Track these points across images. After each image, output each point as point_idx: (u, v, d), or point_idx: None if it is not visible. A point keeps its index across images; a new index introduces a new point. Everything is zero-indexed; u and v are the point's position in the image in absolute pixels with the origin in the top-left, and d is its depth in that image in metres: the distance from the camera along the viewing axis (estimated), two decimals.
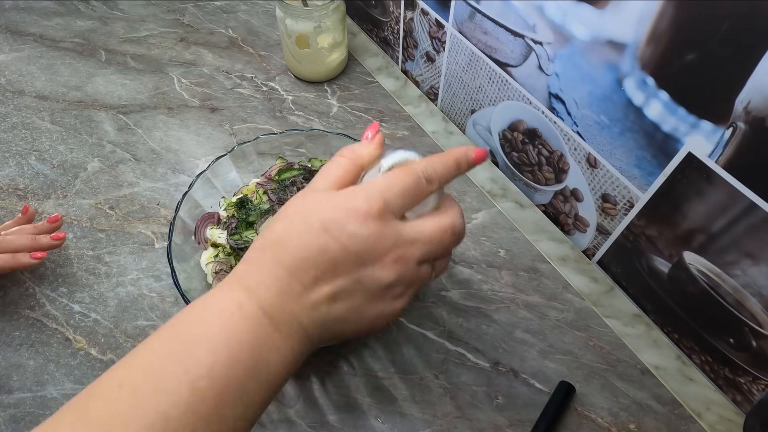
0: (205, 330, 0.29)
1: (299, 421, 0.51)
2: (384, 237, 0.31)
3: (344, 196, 0.32)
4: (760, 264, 0.43)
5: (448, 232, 0.34)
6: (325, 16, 0.69)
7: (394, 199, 0.32)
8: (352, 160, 0.34)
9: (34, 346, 0.54)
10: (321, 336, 0.33)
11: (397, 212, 0.32)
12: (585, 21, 0.47)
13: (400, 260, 0.32)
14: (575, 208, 0.61)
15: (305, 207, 0.32)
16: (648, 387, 0.53)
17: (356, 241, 0.30)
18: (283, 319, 0.31)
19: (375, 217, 0.31)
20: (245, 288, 0.31)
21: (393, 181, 0.32)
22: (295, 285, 0.31)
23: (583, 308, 0.58)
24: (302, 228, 0.31)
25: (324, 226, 0.30)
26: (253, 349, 0.29)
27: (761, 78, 0.36)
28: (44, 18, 0.86)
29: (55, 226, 0.57)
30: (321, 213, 0.31)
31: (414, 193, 0.33)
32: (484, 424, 0.51)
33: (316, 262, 0.30)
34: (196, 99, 0.76)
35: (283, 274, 0.31)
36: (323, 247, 0.30)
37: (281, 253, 0.31)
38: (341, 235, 0.30)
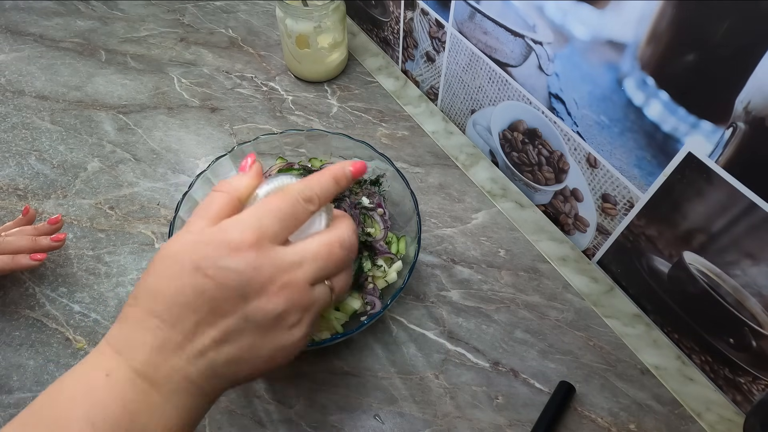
0: (67, 409, 0.27)
1: (299, 421, 0.51)
2: (263, 266, 0.29)
3: (217, 231, 0.29)
4: (760, 264, 0.43)
5: (335, 246, 0.32)
6: (325, 16, 0.69)
7: (270, 225, 0.30)
8: (230, 193, 0.32)
9: (34, 346, 0.54)
10: (215, 384, 0.30)
11: (276, 238, 0.30)
12: (585, 21, 0.47)
13: (287, 286, 0.30)
14: (575, 208, 0.61)
15: (177, 251, 0.29)
16: (648, 387, 0.53)
17: (232, 275, 0.28)
18: (163, 376, 0.28)
19: (249, 247, 0.29)
20: (116, 351, 0.28)
21: (267, 207, 0.30)
22: (173, 335, 0.28)
23: (583, 308, 0.58)
24: (174, 273, 0.29)
25: (196, 266, 0.28)
26: (121, 418, 0.27)
27: (761, 78, 0.36)
28: (44, 18, 0.86)
29: (55, 228, 0.57)
30: (192, 253, 0.29)
31: (291, 216, 0.31)
32: (484, 424, 0.51)
33: (194, 306, 0.28)
34: (196, 99, 0.76)
35: (159, 325, 0.28)
36: (199, 288, 0.28)
37: (153, 304, 0.28)
38: (215, 272, 0.28)
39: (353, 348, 0.55)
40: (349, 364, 0.54)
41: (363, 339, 0.55)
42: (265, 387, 0.53)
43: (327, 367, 0.54)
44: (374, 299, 0.55)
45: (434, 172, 0.68)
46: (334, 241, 0.32)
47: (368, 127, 0.73)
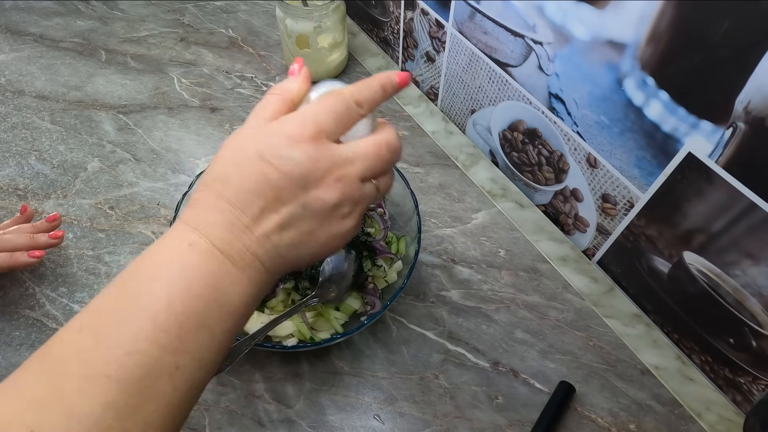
0: (158, 268, 0.29)
1: (299, 421, 0.51)
2: (321, 158, 0.31)
3: (277, 125, 0.32)
4: (760, 264, 0.43)
5: (383, 147, 0.34)
6: (325, 16, 0.69)
7: (326, 122, 0.32)
8: (282, 95, 0.34)
9: (34, 346, 0.54)
10: (277, 265, 0.33)
11: (331, 135, 0.32)
12: (585, 21, 0.47)
13: (342, 179, 0.32)
14: (575, 208, 0.61)
15: (240, 141, 0.32)
16: (648, 387, 0.53)
17: (294, 165, 0.30)
18: (236, 252, 0.31)
19: (309, 140, 0.31)
20: (192, 228, 0.31)
21: (324, 105, 0.32)
22: (242, 218, 0.31)
23: (583, 308, 0.58)
24: (240, 160, 0.31)
25: (260, 155, 0.30)
26: (208, 281, 0.29)
27: (761, 78, 0.36)
28: (44, 18, 0.86)
29: (53, 225, 0.57)
30: (256, 143, 0.31)
31: (345, 116, 0.33)
32: (484, 424, 0.51)
33: (258, 192, 0.30)
34: (196, 99, 0.76)
35: (228, 208, 0.30)
36: (263, 175, 0.30)
37: (223, 189, 0.31)
38: (278, 161, 0.30)
39: (353, 348, 0.55)
40: (349, 364, 0.54)
41: (363, 339, 0.55)
42: (265, 387, 0.53)
43: (327, 367, 0.54)
44: (374, 299, 0.55)
45: (434, 172, 0.68)
46: (382, 143, 0.34)
47: None
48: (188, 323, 0.28)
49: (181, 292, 0.29)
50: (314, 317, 0.54)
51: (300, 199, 0.31)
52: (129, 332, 0.27)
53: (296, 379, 0.53)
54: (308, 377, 0.53)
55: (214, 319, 0.30)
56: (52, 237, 0.55)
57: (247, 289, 0.31)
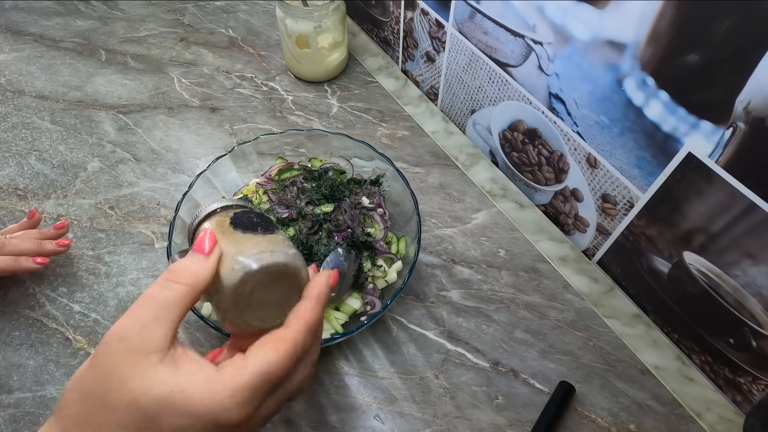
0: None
1: (299, 421, 0.51)
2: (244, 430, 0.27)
3: (203, 401, 0.25)
4: (760, 264, 0.43)
5: (293, 395, 0.29)
6: (325, 16, 0.69)
7: (266, 395, 0.27)
8: (193, 287, 0.28)
9: (34, 345, 0.54)
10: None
11: (266, 399, 0.28)
12: (585, 21, 0.47)
13: (257, 426, 0.28)
14: (575, 208, 0.61)
15: (145, 401, 0.25)
16: (648, 387, 0.53)
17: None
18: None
19: (241, 425, 0.26)
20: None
21: (268, 374, 0.27)
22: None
23: (583, 308, 0.58)
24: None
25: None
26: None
27: (761, 78, 0.36)
28: (44, 18, 0.86)
29: (60, 233, 0.57)
30: (173, 419, 0.25)
31: (286, 377, 0.28)
32: (484, 424, 0.51)
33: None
34: (196, 99, 0.76)
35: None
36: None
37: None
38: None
39: (353, 348, 0.55)
40: (349, 364, 0.54)
41: (363, 339, 0.55)
42: None
43: (327, 367, 0.54)
44: (374, 299, 0.55)
45: (434, 172, 0.68)
46: (292, 393, 0.30)
47: (368, 127, 0.73)
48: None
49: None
50: None
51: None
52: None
53: None
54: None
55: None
56: (59, 245, 0.56)
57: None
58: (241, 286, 0.29)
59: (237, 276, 0.28)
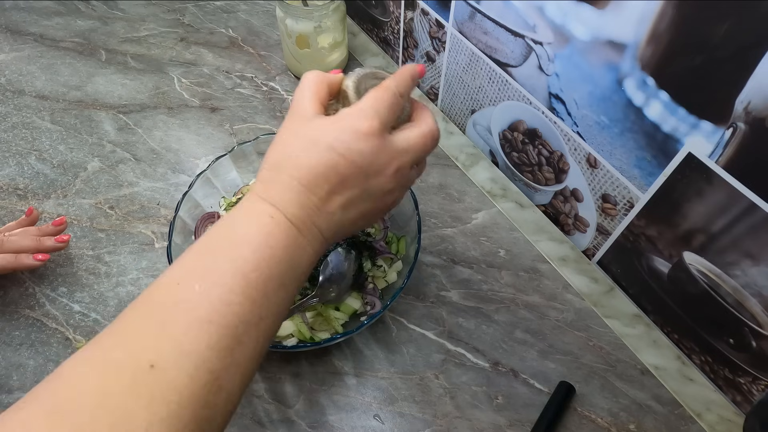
0: (246, 235, 0.34)
1: (299, 421, 0.51)
2: (383, 151, 0.36)
3: (343, 117, 0.36)
4: (760, 264, 0.43)
5: (429, 139, 0.39)
6: (325, 16, 0.69)
7: (386, 116, 0.36)
8: (322, 73, 0.39)
9: (34, 345, 0.54)
10: (335, 235, 0.38)
11: (389, 126, 0.37)
12: (585, 21, 0.47)
13: (399, 170, 0.37)
14: (575, 208, 0.61)
15: (307, 130, 0.36)
16: (648, 387, 0.53)
17: (361, 157, 0.35)
18: (306, 227, 0.35)
19: (376, 135, 0.35)
20: (270, 204, 0.35)
21: (380, 99, 0.36)
22: (312, 198, 0.35)
23: (583, 308, 0.58)
24: (312, 149, 0.35)
25: (330, 146, 0.34)
26: (287, 250, 0.34)
27: (761, 78, 0.36)
28: (44, 18, 0.86)
29: (59, 229, 0.57)
30: (326, 135, 0.35)
31: (396, 107, 0.37)
32: (484, 424, 0.51)
33: (328, 177, 0.35)
34: (196, 99, 0.76)
35: (300, 189, 0.35)
36: (333, 164, 0.34)
37: (296, 172, 0.35)
38: (348, 153, 0.35)
39: (353, 348, 0.55)
40: (349, 364, 0.54)
41: (363, 339, 0.55)
42: (265, 387, 0.53)
43: (327, 367, 0.54)
44: (374, 299, 0.55)
45: (434, 172, 0.68)
46: (428, 135, 0.39)
47: None
48: (272, 283, 0.33)
49: (267, 257, 0.33)
50: (314, 317, 0.54)
51: (362, 185, 0.36)
52: (226, 286, 0.31)
53: (296, 379, 0.53)
54: (308, 377, 0.53)
55: (290, 280, 0.34)
56: (58, 240, 0.56)
57: (311, 257, 0.36)
58: (358, 84, 0.39)
59: (353, 78, 0.40)
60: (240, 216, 0.35)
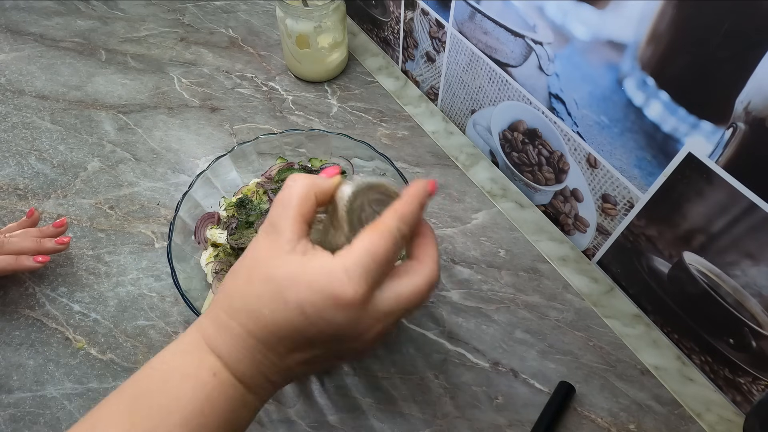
0: (177, 397, 0.29)
1: (299, 421, 0.51)
2: (364, 320, 0.30)
3: (322, 274, 0.29)
4: (760, 264, 0.43)
5: (425, 292, 0.32)
6: (326, 16, 0.69)
7: (375, 276, 0.30)
8: (309, 187, 0.32)
9: (34, 345, 0.54)
10: (286, 383, 0.34)
11: (378, 285, 0.30)
12: (585, 21, 0.47)
13: (380, 333, 0.31)
14: (575, 208, 0.61)
15: (277, 277, 0.30)
16: (648, 387, 0.53)
17: (335, 328, 0.29)
18: (257, 383, 0.31)
19: (358, 305, 0.29)
20: (217, 356, 0.30)
21: (373, 254, 0.29)
22: (269, 356, 0.31)
23: (583, 308, 0.58)
24: (277, 304, 0.29)
25: (301, 309, 0.29)
26: (227, 414, 0.30)
27: (761, 78, 0.36)
28: (44, 17, 0.86)
29: (60, 231, 0.57)
30: (297, 292, 0.29)
31: (393, 258, 0.31)
32: (483, 424, 0.51)
33: (290, 339, 0.30)
34: (196, 99, 0.76)
35: (257, 346, 0.30)
36: (299, 329, 0.29)
37: (253, 326, 0.30)
38: (319, 322, 0.29)
39: None
40: (349, 364, 0.54)
41: None
42: None
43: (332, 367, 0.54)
44: None
45: (434, 172, 0.68)
46: (424, 288, 0.32)
47: (368, 127, 0.73)
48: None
49: (200, 425, 0.29)
50: None
51: (331, 348, 0.31)
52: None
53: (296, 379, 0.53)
54: (308, 377, 0.53)
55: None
56: (59, 242, 0.56)
57: (257, 409, 0.32)
58: (353, 200, 0.33)
59: (348, 191, 0.33)
60: (178, 364, 0.30)
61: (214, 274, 0.54)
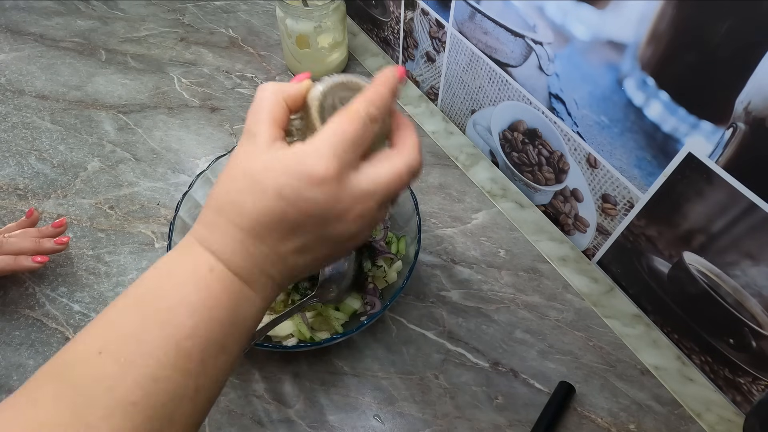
0: (180, 293, 0.30)
1: (299, 421, 0.51)
2: (342, 197, 0.31)
3: (294, 158, 0.30)
4: (760, 264, 0.43)
5: (404, 175, 0.32)
6: (326, 16, 0.69)
7: (345, 154, 0.30)
8: (276, 94, 0.33)
9: (34, 345, 0.54)
10: (289, 279, 0.34)
11: (351, 165, 0.31)
12: (585, 21, 0.47)
13: (362, 214, 0.32)
14: (575, 208, 0.61)
15: (254, 169, 0.31)
16: (648, 387, 0.53)
17: (314, 206, 0.30)
18: (254, 276, 0.31)
19: (332, 180, 0.30)
20: (211, 252, 0.31)
21: (340, 134, 0.30)
22: (261, 247, 0.31)
23: (583, 308, 0.58)
24: (256, 194, 0.30)
25: (279, 193, 0.30)
26: (229, 307, 0.30)
27: (761, 78, 0.36)
28: (44, 17, 0.86)
29: (59, 231, 0.57)
30: (275, 179, 0.30)
31: (363, 139, 0.31)
32: (484, 424, 0.51)
33: (276, 226, 0.31)
34: (196, 99, 0.76)
35: (246, 238, 0.31)
36: (281, 213, 0.30)
37: (239, 219, 0.31)
38: (298, 202, 0.30)
39: (353, 348, 0.55)
40: (349, 364, 0.54)
41: (363, 339, 0.55)
42: (264, 387, 0.53)
43: (327, 367, 0.54)
44: (374, 299, 0.55)
45: (434, 172, 0.68)
46: (403, 170, 0.32)
47: None
48: (210, 349, 0.29)
49: (204, 319, 0.29)
50: (314, 317, 0.54)
51: (318, 231, 0.31)
52: (154, 358, 0.27)
53: (296, 379, 0.53)
54: (308, 377, 0.53)
55: (233, 340, 0.31)
56: (58, 242, 0.56)
57: (260, 306, 0.32)
58: (323, 99, 0.33)
59: (318, 90, 0.33)
60: (176, 265, 0.31)
61: None
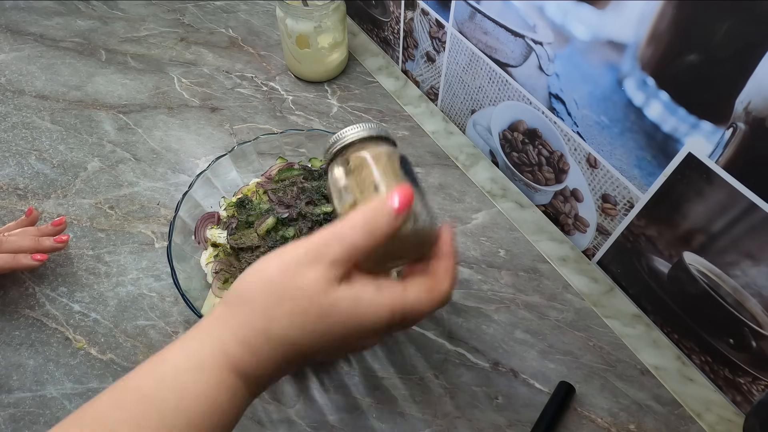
0: (187, 409, 0.29)
1: (299, 421, 0.51)
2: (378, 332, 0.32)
3: (358, 322, 0.30)
4: (760, 264, 0.43)
5: (383, 316, 0.31)
6: (326, 16, 0.69)
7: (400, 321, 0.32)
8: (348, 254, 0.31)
9: (34, 345, 0.54)
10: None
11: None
12: (585, 21, 0.47)
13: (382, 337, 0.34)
14: (575, 208, 0.61)
15: (330, 320, 0.30)
16: (648, 387, 0.53)
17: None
18: (260, 390, 0.32)
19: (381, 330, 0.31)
20: (243, 377, 0.30)
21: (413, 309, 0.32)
22: (286, 368, 0.32)
23: (583, 308, 0.58)
24: (321, 339, 0.30)
25: (345, 342, 0.31)
26: (230, 415, 0.30)
27: (761, 78, 0.36)
28: (44, 17, 0.86)
29: (58, 230, 0.57)
30: (345, 333, 0.30)
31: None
32: (483, 424, 0.51)
33: (311, 353, 0.31)
34: (196, 99, 0.76)
35: (284, 365, 0.31)
36: (334, 347, 0.31)
37: (292, 354, 0.31)
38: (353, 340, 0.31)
39: None
40: (349, 364, 0.54)
41: None
42: None
43: (327, 367, 0.54)
44: None
45: (434, 172, 0.68)
46: (384, 312, 0.31)
47: None
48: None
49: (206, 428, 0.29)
50: None
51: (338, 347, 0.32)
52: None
53: (296, 379, 0.53)
54: (308, 377, 0.53)
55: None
56: (57, 241, 0.56)
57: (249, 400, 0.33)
58: (407, 238, 0.31)
59: (408, 228, 0.31)
60: (197, 377, 0.30)
61: (214, 274, 0.54)
